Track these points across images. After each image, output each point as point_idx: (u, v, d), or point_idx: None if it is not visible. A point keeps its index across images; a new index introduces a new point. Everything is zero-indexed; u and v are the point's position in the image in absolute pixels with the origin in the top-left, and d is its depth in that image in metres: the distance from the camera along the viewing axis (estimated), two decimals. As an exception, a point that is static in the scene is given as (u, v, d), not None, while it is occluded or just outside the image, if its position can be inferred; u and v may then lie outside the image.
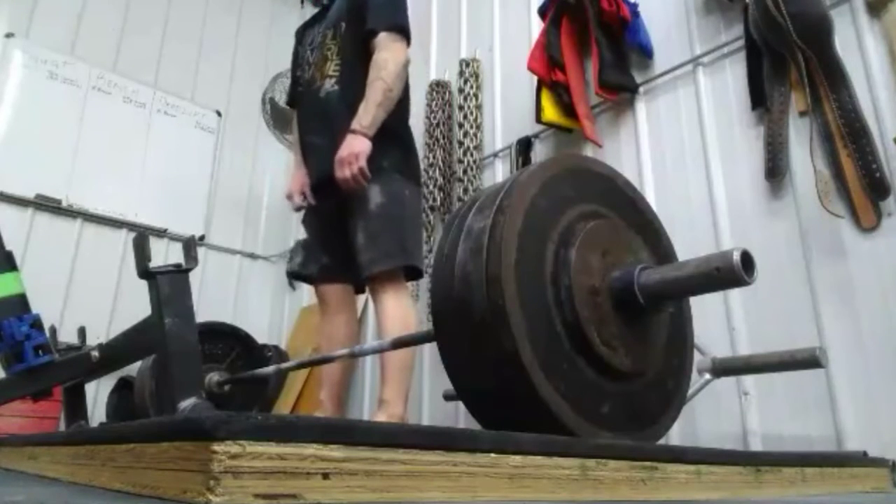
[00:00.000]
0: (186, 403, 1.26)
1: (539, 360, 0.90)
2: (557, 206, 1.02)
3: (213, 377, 2.29)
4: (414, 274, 2.06)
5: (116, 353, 1.73)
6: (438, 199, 3.18)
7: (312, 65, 2.21)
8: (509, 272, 0.90)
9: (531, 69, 2.73)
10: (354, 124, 1.94)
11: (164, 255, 3.89)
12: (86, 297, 3.62)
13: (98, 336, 2.23)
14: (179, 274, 1.38)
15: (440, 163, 3.21)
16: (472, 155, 3.13)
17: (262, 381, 2.26)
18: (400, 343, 1.66)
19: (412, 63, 2.13)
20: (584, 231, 1.01)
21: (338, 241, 2.07)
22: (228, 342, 2.46)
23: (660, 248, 1.19)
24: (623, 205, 1.16)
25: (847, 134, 1.91)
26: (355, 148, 1.90)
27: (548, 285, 0.96)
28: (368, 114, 1.94)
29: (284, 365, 2.07)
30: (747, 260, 0.91)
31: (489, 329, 0.90)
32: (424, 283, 3.18)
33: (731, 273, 0.91)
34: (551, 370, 0.92)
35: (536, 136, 2.93)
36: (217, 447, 0.56)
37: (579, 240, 0.99)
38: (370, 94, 1.97)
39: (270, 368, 2.23)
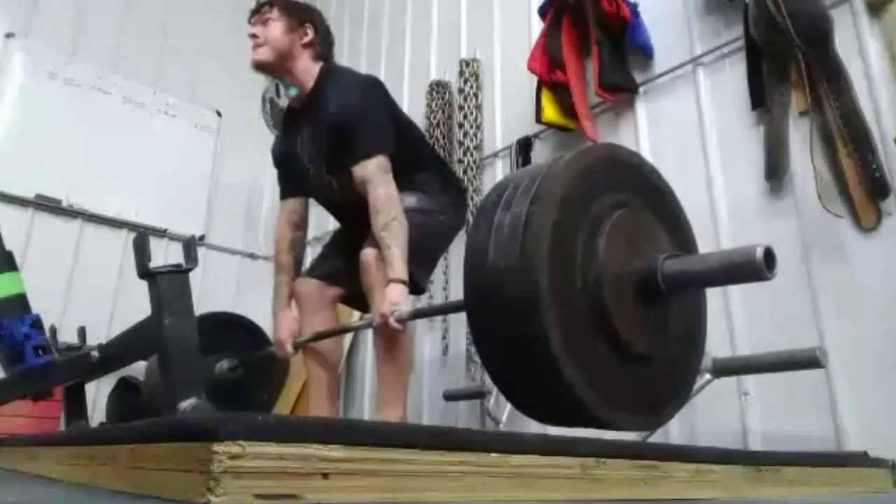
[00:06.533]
0: (187, 404, 1.26)
1: (566, 343, 0.93)
2: (589, 195, 1.04)
3: (223, 364, 2.33)
4: (413, 287, 1.91)
5: (116, 353, 1.73)
6: (438, 199, 3.18)
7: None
8: (543, 262, 0.93)
9: (531, 69, 2.73)
10: (390, 273, 1.79)
11: (164, 255, 3.88)
12: (86, 297, 3.62)
13: (98, 336, 2.23)
14: (179, 274, 1.38)
15: (440, 163, 3.21)
16: (472, 155, 3.13)
17: (270, 360, 2.30)
18: (418, 315, 1.73)
19: (413, 63, 2.11)
20: (612, 220, 1.04)
21: (355, 253, 1.97)
22: (235, 331, 2.50)
23: (681, 235, 1.21)
24: (649, 193, 1.17)
25: (847, 134, 1.91)
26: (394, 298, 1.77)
27: (577, 273, 0.99)
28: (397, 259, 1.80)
29: (300, 339, 2.07)
30: (769, 256, 0.95)
31: (522, 315, 0.93)
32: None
33: (752, 267, 0.95)
34: (577, 354, 0.94)
35: (536, 135, 2.92)
36: (217, 447, 0.56)
37: (608, 229, 1.02)
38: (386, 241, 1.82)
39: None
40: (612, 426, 1.03)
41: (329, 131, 1.98)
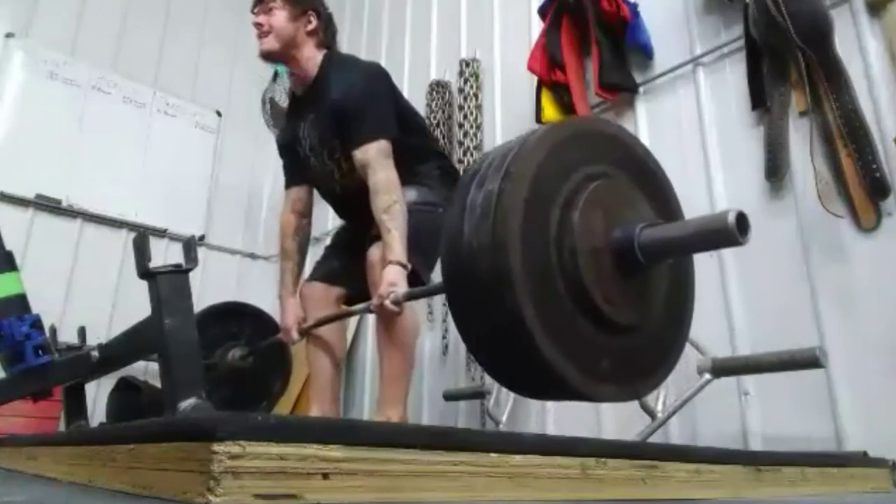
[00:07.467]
0: (186, 404, 1.26)
1: (543, 321, 0.92)
2: (564, 169, 1.03)
3: (235, 353, 2.39)
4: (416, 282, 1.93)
5: (116, 353, 1.73)
6: (438, 199, 3.18)
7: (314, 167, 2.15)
8: (514, 239, 0.93)
9: (531, 69, 2.73)
10: (389, 255, 1.81)
11: (164, 255, 3.88)
12: (86, 297, 3.62)
13: (98, 336, 2.23)
14: (179, 274, 1.38)
15: (440, 163, 3.21)
16: (472, 155, 3.12)
17: (279, 347, 2.34)
18: (412, 296, 1.74)
19: (413, 63, 2.12)
20: (588, 192, 1.02)
21: (354, 251, 2.05)
22: (243, 320, 2.53)
23: (665, 203, 1.20)
24: (630, 163, 1.15)
25: (847, 134, 1.91)
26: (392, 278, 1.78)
27: (552, 249, 0.98)
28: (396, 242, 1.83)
29: (304, 325, 2.10)
30: (742, 221, 0.95)
31: (495, 293, 0.93)
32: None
33: (725, 232, 0.95)
34: (555, 331, 0.94)
35: (536, 136, 2.92)
36: (217, 447, 0.56)
37: (583, 201, 1.01)
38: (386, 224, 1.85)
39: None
40: (596, 399, 1.03)
41: (332, 116, 2.01)
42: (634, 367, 1.08)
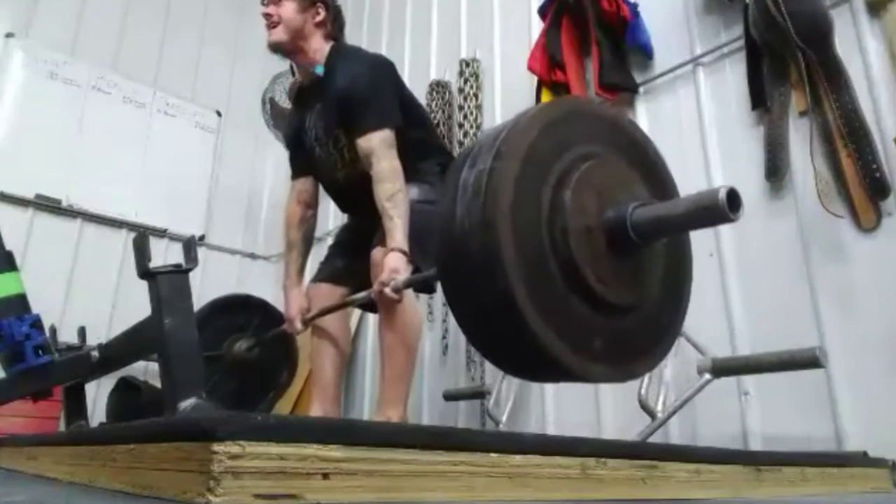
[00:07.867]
0: (187, 404, 1.26)
1: (534, 301, 0.92)
2: (556, 149, 1.02)
3: (242, 344, 2.41)
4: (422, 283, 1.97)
5: (116, 353, 1.73)
6: (438, 199, 3.17)
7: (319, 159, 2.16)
8: (504, 218, 0.92)
9: (531, 69, 2.73)
10: (390, 243, 1.83)
11: (164, 255, 3.89)
12: (86, 297, 3.62)
13: (98, 336, 2.23)
14: (179, 274, 1.38)
15: (440, 163, 3.21)
16: (472, 155, 3.12)
17: (287, 336, 2.36)
18: (412, 283, 1.75)
19: (413, 63, 2.12)
20: (580, 172, 1.01)
21: (358, 250, 2.07)
22: (249, 311, 2.54)
23: (662, 188, 1.20)
24: (624, 144, 1.14)
25: (847, 134, 1.91)
26: (394, 264, 1.80)
27: (543, 228, 0.97)
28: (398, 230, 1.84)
29: (308, 315, 2.12)
30: (733, 197, 0.94)
31: (486, 273, 0.92)
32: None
33: (716, 209, 0.94)
34: (547, 311, 0.93)
35: (536, 136, 2.92)
36: (217, 447, 0.56)
37: (575, 181, 1.00)
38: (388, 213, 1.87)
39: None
40: (590, 379, 1.02)
41: (337, 105, 2.03)
42: (629, 348, 1.07)
